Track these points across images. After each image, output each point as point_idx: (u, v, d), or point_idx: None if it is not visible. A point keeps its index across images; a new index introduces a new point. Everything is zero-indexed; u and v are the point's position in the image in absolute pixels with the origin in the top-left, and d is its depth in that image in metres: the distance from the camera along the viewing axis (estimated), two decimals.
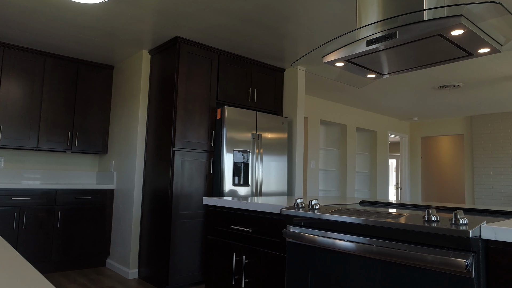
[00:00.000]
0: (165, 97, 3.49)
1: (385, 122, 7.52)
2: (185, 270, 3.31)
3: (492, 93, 5.45)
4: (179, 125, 3.35)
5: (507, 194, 6.73)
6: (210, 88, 3.60)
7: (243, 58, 3.89)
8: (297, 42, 3.51)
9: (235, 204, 1.97)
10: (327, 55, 1.76)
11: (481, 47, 1.50)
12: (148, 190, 3.58)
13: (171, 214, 3.25)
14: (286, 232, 1.58)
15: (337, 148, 6.67)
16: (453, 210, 1.65)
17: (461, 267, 1.05)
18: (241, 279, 1.89)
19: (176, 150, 3.32)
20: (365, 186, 7.41)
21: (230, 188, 3.49)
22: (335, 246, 1.39)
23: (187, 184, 3.37)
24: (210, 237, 2.15)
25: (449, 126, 7.68)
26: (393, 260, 1.24)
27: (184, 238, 3.32)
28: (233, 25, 3.15)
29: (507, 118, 6.84)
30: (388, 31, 1.51)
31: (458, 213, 1.13)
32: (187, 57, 3.45)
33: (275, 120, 3.93)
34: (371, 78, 2.00)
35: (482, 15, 1.41)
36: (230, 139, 3.52)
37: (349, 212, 1.44)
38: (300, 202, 1.62)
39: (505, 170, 6.79)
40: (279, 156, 3.93)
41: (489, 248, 1.08)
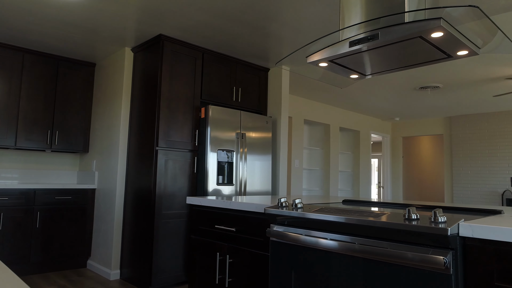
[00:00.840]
0: (148, 95, 3.45)
1: (368, 122, 7.64)
2: (168, 270, 3.28)
3: (470, 95, 5.60)
4: (162, 124, 3.31)
5: (484, 193, 6.94)
6: (194, 87, 3.57)
7: (228, 57, 3.88)
8: (281, 42, 3.52)
9: (219, 204, 1.96)
10: (310, 55, 1.78)
11: (460, 49, 1.54)
12: (131, 189, 3.53)
13: (154, 214, 3.21)
14: (270, 231, 1.59)
15: (320, 147, 6.73)
16: (432, 208, 1.69)
17: (440, 264, 1.08)
18: (225, 278, 1.88)
19: (160, 149, 3.29)
20: (348, 185, 7.50)
21: (214, 187, 3.47)
22: (318, 244, 1.40)
23: (171, 184, 3.34)
24: (193, 237, 2.14)
25: (429, 126, 7.85)
26: (374, 258, 1.26)
27: (168, 238, 3.29)
28: (217, 24, 3.14)
29: (484, 119, 7.04)
30: (370, 32, 1.53)
31: (437, 211, 1.16)
32: (170, 56, 3.42)
33: (260, 120, 3.94)
34: (354, 79, 2.03)
35: (461, 18, 1.45)
36: (214, 138, 3.51)
37: (332, 211, 1.45)
38: (283, 201, 1.63)
39: (482, 170, 6.99)
40: (263, 155, 3.94)
41: (467, 245, 1.11)
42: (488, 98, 5.81)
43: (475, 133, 7.14)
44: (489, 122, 6.98)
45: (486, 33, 1.50)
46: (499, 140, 6.84)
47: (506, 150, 6.73)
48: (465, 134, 7.27)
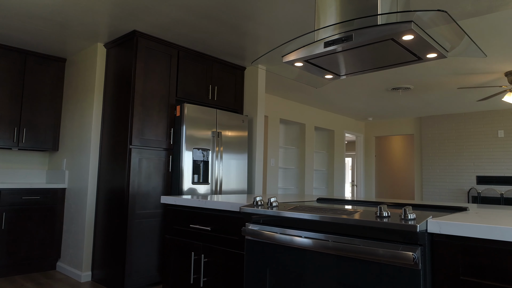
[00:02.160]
0: (122, 92, 3.37)
1: (342, 122, 7.78)
2: (142, 271, 3.23)
3: (439, 96, 5.81)
4: (136, 122, 3.25)
5: (452, 191, 7.22)
6: (169, 84, 3.52)
7: (204, 55, 3.85)
8: (257, 41, 3.53)
9: (194, 203, 1.95)
10: (286, 55, 1.79)
11: (429, 52, 1.60)
12: (103, 189, 3.45)
13: (128, 214, 3.15)
14: (245, 229, 1.59)
15: (296, 146, 6.80)
16: (403, 206, 1.75)
17: (409, 260, 1.12)
18: (200, 278, 1.87)
19: (133, 147, 3.22)
20: (322, 183, 7.61)
21: (189, 186, 3.44)
22: (293, 242, 1.42)
23: (145, 183, 3.28)
24: (168, 237, 2.11)
25: (400, 126, 8.09)
26: (347, 255, 1.28)
27: (141, 238, 3.23)
28: (193, 21, 3.11)
29: (452, 120, 7.32)
30: (344, 33, 1.56)
31: (407, 209, 1.19)
32: (145, 52, 3.35)
33: (236, 118, 3.93)
34: (328, 79, 2.06)
35: (430, 22, 1.50)
36: (190, 137, 3.47)
37: (306, 209, 1.47)
38: (259, 200, 1.63)
39: (450, 168, 7.28)
40: (239, 154, 3.94)
41: (434, 241, 1.15)
42: (456, 99, 6.05)
43: (443, 133, 7.41)
44: (456, 123, 7.27)
45: (454, 37, 1.56)
46: (465, 140, 7.13)
47: (472, 150, 7.03)
48: (434, 134, 7.53)
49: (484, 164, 6.88)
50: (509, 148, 6.65)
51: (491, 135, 6.85)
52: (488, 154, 6.85)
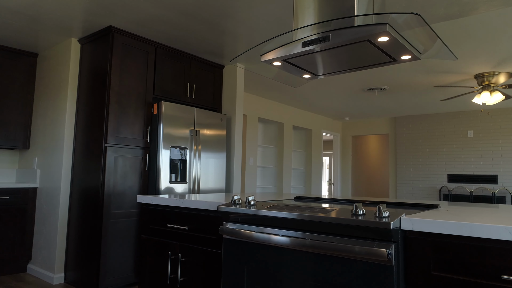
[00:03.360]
0: (97, 89, 3.29)
1: (320, 121, 7.88)
2: (117, 271, 3.16)
3: (413, 97, 5.98)
4: (112, 119, 3.18)
5: (424, 189, 7.45)
6: (146, 82, 3.46)
7: (182, 53, 3.80)
8: (236, 40, 3.52)
9: (171, 202, 1.93)
10: (265, 54, 1.79)
11: (403, 54, 1.64)
12: (77, 188, 3.36)
13: (103, 214, 3.08)
14: (223, 228, 1.58)
15: (274, 145, 6.83)
16: (378, 204, 1.79)
17: (383, 256, 1.14)
18: (177, 278, 1.85)
19: (109, 146, 3.15)
20: (300, 182, 7.69)
21: (166, 185, 3.40)
22: (270, 241, 1.42)
23: (121, 182, 3.22)
24: (144, 237, 2.08)
25: (376, 126, 8.27)
26: (324, 253, 1.30)
27: (117, 238, 3.17)
28: (171, 18, 3.07)
29: (425, 120, 7.55)
30: (322, 34, 1.58)
31: (381, 207, 1.22)
32: (121, 49, 3.28)
33: (214, 117, 3.91)
34: (306, 79, 2.08)
35: (405, 25, 1.54)
36: (167, 135, 3.43)
37: (284, 207, 1.48)
38: (237, 198, 1.63)
39: (423, 167, 7.50)
40: (218, 153, 3.92)
41: (407, 238, 1.19)
42: (429, 100, 6.24)
43: (417, 133, 7.63)
44: (429, 123, 7.49)
45: (427, 40, 1.61)
46: (437, 140, 7.37)
47: (444, 149, 7.28)
48: (408, 134, 7.75)
49: (454, 163, 7.14)
50: (478, 147, 6.92)
51: (462, 135, 7.11)
52: (458, 154, 7.11)
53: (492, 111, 6.85)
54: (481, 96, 4.68)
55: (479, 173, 6.87)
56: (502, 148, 6.69)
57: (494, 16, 3.00)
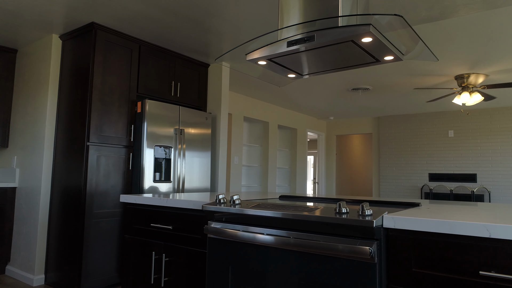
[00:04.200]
0: (79, 87, 3.23)
1: (305, 121, 7.93)
2: (100, 272, 3.11)
3: (396, 97, 6.08)
4: (94, 118, 3.12)
5: (406, 187, 7.59)
6: (130, 80, 3.42)
7: (166, 51, 3.76)
8: (221, 38, 3.51)
9: (155, 201, 1.91)
10: (250, 53, 1.79)
11: (387, 54, 1.67)
12: (58, 188, 3.29)
13: (85, 214, 3.02)
14: (208, 228, 1.58)
15: (259, 144, 6.84)
16: (361, 202, 1.81)
17: (366, 254, 1.16)
18: (161, 277, 1.84)
19: (91, 144, 3.10)
20: (285, 181, 7.72)
21: (150, 184, 3.36)
22: (255, 240, 1.43)
23: (103, 181, 3.17)
24: (127, 237, 2.05)
25: (360, 125, 8.38)
26: (308, 251, 1.31)
27: (99, 238, 3.12)
28: (155, 15, 3.03)
29: (408, 120, 7.69)
30: (307, 33, 1.59)
31: (364, 205, 1.24)
32: (104, 46, 3.23)
33: (199, 116, 3.89)
34: (291, 78, 2.09)
35: (388, 26, 1.56)
36: (151, 134, 3.39)
37: (268, 206, 1.49)
38: (222, 198, 1.63)
39: (405, 166, 7.64)
40: (202, 152, 3.90)
41: (389, 235, 1.21)
42: (411, 101, 6.35)
43: (399, 133, 7.77)
44: (411, 123, 7.64)
45: (409, 41, 1.63)
46: (419, 139, 7.52)
47: (425, 149, 7.43)
48: (391, 133, 7.87)
49: (435, 162, 7.29)
50: (458, 147, 7.09)
51: (442, 135, 7.27)
52: (439, 153, 7.27)
53: (471, 111, 7.03)
54: (461, 97, 4.79)
55: (459, 172, 7.04)
56: (480, 148, 6.88)
57: (474, 19, 3.08)
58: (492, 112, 6.82)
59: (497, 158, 6.71)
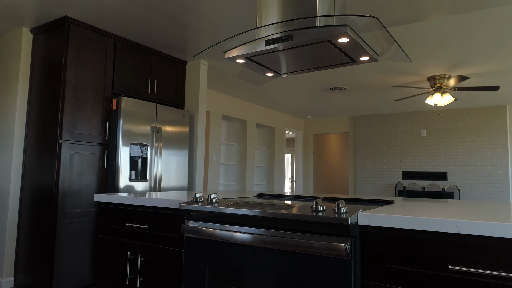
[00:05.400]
0: (51, 83, 3.12)
1: (283, 119, 7.97)
2: (73, 273, 3.03)
3: (371, 97, 6.21)
4: (67, 115, 3.03)
5: (381, 185, 7.77)
6: (105, 76, 3.34)
7: (143, 47, 3.70)
8: (199, 35, 3.48)
9: (130, 201, 1.87)
10: (228, 51, 1.79)
11: (362, 55, 1.70)
12: (29, 187, 3.17)
13: (57, 213, 2.93)
14: (184, 227, 1.57)
15: (238, 143, 6.83)
16: (337, 200, 1.84)
17: (341, 251, 1.18)
18: (136, 278, 1.81)
19: (64, 142, 3.01)
20: (263, 179, 7.75)
21: (126, 183, 3.30)
22: (233, 238, 1.43)
23: (77, 180, 3.08)
24: (102, 237, 2.01)
25: (337, 124, 8.51)
26: (285, 249, 1.32)
27: (72, 239, 3.04)
28: (131, 11, 2.97)
29: (383, 120, 7.87)
30: (285, 33, 1.60)
31: (340, 203, 1.26)
32: (77, 40, 3.13)
33: (176, 113, 3.84)
34: (269, 77, 2.10)
35: (363, 27, 1.59)
36: (127, 132, 3.33)
37: (246, 205, 1.49)
38: (199, 196, 1.62)
39: (380, 165, 7.82)
40: (180, 150, 3.86)
41: (364, 232, 1.23)
42: (386, 101, 6.51)
43: (375, 132, 7.94)
44: (386, 122, 7.82)
45: (384, 43, 1.67)
46: (393, 139, 7.71)
47: (399, 148, 7.63)
48: (366, 132, 8.04)
49: (409, 161, 7.50)
50: (430, 146, 7.32)
51: (415, 135, 7.48)
52: (412, 152, 7.48)
53: (443, 112, 7.27)
54: (433, 97, 4.95)
55: (431, 170, 7.27)
56: (451, 147, 7.13)
57: (446, 23, 3.19)
58: (462, 112, 7.08)
59: (466, 157, 6.97)
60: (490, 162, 6.76)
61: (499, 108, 6.76)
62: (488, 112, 6.85)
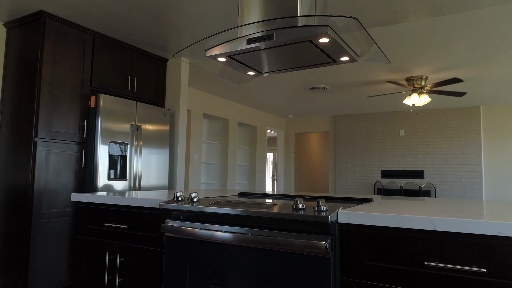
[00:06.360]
0: (26, 79, 3.03)
1: (264, 118, 7.99)
2: (49, 275, 2.95)
3: (351, 97, 6.30)
4: (43, 112, 2.94)
5: (361, 184, 7.90)
6: (83, 73, 3.26)
7: (123, 44, 3.63)
8: (180, 33, 3.44)
9: (109, 200, 1.84)
10: (209, 49, 1.78)
11: (343, 55, 1.72)
12: (2, 186, 3.07)
13: (32, 213, 2.85)
14: (165, 226, 1.55)
15: (219, 142, 6.81)
16: (317, 198, 1.86)
17: (321, 248, 1.20)
18: (115, 278, 1.78)
19: (39, 140, 2.92)
20: (245, 178, 7.75)
21: (105, 182, 3.24)
22: (213, 237, 1.42)
23: (53, 180, 3.00)
24: (79, 237, 1.96)
25: (318, 124, 8.59)
26: (266, 247, 1.33)
27: (49, 239, 2.95)
28: (110, 6, 2.91)
29: (362, 119, 8.00)
30: (266, 32, 1.60)
31: (320, 201, 1.28)
32: (54, 36, 3.05)
33: (157, 112, 3.79)
34: (251, 76, 2.10)
35: (344, 28, 1.61)
36: (106, 130, 3.26)
37: (227, 204, 1.49)
38: (179, 195, 1.60)
39: (359, 163, 7.95)
40: (160, 148, 3.82)
41: (344, 230, 1.25)
42: (366, 100, 6.61)
43: (354, 132, 8.07)
44: (366, 122, 7.96)
45: (364, 44, 1.70)
46: (373, 138, 7.85)
47: (378, 147, 7.78)
48: (346, 132, 8.15)
49: (387, 159, 7.66)
50: (407, 145, 7.50)
51: (394, 134, 7.64)
52: (391, 151, 7.64)
53: (420, 112, 7.45)
54: (411, 98, 5.06)
55: (408, 169, 7.44)
56: (427, 146, 7.32)
57: (423, 25, 3.26)
58: (438, 113, 7.27)
59: (442, 156, 7.17)
60: (464, 161, 6.98)
61: (473, 108, 6.99)
62: (463, 112, 7.07)
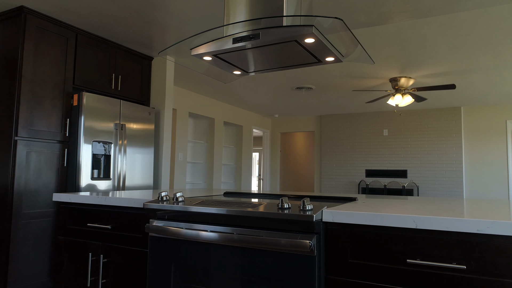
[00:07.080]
0: (6, 76, 2.95)
1: (250, 118, 7.99)
2: (30, 277, 2.89)
3: (336, 97, 6.36)
4: (24, 110, 2.87)
5: (346, 183, 7.99)
6: (65, 70, 3.19)
7: (107, 41, 3.57)
8: (166, 31, 3.41)
9: (92, 200, 1.81)
10: (195, 48, 1.77)
11: (328, 56, 1.74)
12: None
13: (12, 214, 2.78)
14: (149, 226, 1.53)
15: (205, 141, 6.77)
16: (302, 197, 1.87)
17: (306, 247, 1.21)
18: (98, 280, 1.75)
19: (20, 139, 2.85)
20: (230, 178, 7.74)
21: (88, 182, 3.18)
22: (199, 237, 1.42)
23: (34, 179, 2.93)
24: (61, 238, 1.93)
25: (303, 123, 8.65)
26: (252, 246, 1.33)
27: (30, 240, 2.89)
28: (94, 3, 2.86)
29: (347, 119, 8.08)
30: (252, 31, 1.60)
31: (305, 200, 1.28)
32: (35, 32, 2.98)
33: (142, 110, 3.75)
34: (237, 75, 2.09)
35: (329, 29, 1.63)
36: (89, 129, 3.21)
37: (213, 203, 1.48)
38: (164, 195, 1.59)
39: (344, 163, 8.04)
40: (145, 148, 3.77)
41: (328, 229, 1.26)
42: (351, 101, 6.69)
43: (339, 131, 8.15)
44: (350, 121, 8.04)
45: (349, 44, 1.72)
46: (357, 138, 7.95)
47: (362, 146, 7.87)
48: (332, 131, 8.23)
49: (371, 159, 7.76)
50: (391, 145, 7.62)
51: (378, 134, 7.75)
52: (375, 150, 7.75)
53: (403, 112, 7.57)
54: (394, 98, 5.14)
55: (392, 168, 7.56)
56: (410, 146, 7.45)
57: (406, 27, 3.32)
58: (421, 113, 7.41)
59: (424, 156, 7.31)
60: (446, 160, 7.13)
61: (455, 109, 7.14)
62: (444, 113, 7.22)
